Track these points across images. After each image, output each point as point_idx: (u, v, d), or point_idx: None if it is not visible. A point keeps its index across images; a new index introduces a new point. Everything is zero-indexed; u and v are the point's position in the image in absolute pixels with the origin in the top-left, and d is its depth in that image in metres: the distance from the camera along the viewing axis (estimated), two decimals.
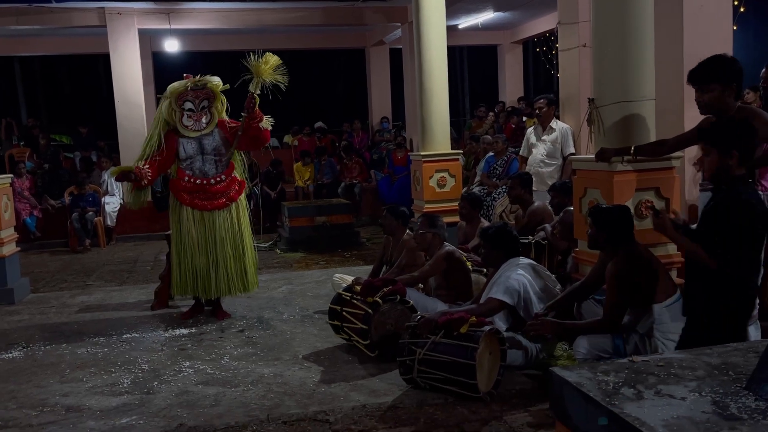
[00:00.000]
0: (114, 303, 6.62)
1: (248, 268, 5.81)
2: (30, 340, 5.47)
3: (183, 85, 5.68)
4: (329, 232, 9.32)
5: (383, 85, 15.20)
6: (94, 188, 10.70)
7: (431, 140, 7.83)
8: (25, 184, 10.51)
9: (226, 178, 5.77)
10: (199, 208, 5.66)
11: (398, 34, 13.34)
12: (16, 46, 13.44)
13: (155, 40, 13.51)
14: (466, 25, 13.13)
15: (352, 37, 15.02)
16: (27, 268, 8.07)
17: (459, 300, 4.83)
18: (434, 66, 7.70)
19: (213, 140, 5.73)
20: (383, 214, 5.66)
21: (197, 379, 4.41)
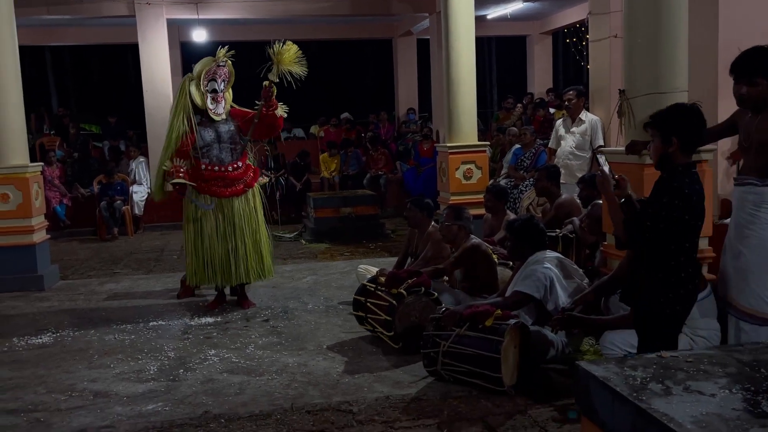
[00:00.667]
0: (141, 291, 6.72)
1: (264, 255, 5.85)
2: (59, 326, 5.58)
3: (211, 59, 5.68)
4: (354, 223, 9.33)
5: (410, 76, 15.15)
6: (123, 177, 10.84)
7: (458, 132, 7.79)
8: (56, 173, 10.68)
9: (242, 165, 5.82)
10: (218, 195, 5.70)
11: (426, 25, 13.28)
12: (46, 35, 13.66)
13: (183, 30, 13.62)
14: (495, 16, 13.02)
15: (379, 28, 14.99)
16: (56, 255, 8.22)
17: (484, 293, 4.81)
18: (462, 57, 7.65)
19: (228, 128, 5.77)
20: (407, 207, 5.65)
21: (222, 368, 4.46)
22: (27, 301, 6.43)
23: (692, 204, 2.96)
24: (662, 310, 3.05)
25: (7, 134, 6.83)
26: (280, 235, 9.65)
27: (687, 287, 3.07)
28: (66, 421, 3.71)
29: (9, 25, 6.79)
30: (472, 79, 7.76)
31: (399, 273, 4.78)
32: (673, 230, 2.99)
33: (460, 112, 7.75)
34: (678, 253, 3.03)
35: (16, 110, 6.89)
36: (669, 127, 3.03)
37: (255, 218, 5.80)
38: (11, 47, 6.81)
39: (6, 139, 6.83)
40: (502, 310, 4.01)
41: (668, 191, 2.98)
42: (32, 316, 5.91)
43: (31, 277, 6.86)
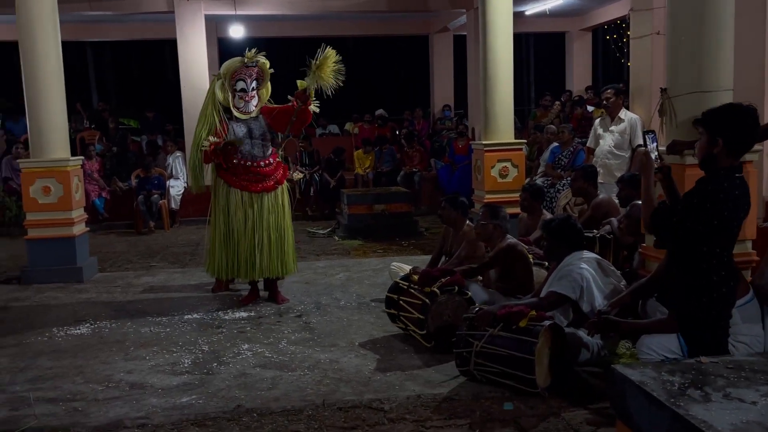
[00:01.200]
0: (176, 284, 6.84)
1: (288, 251, 5.91)
2: (97, 317, 5.71)
3: (237, 60, 5.77)
4: (388, 220, 9.35)
5: (446, 73, 15.10)
6: (160, 171, 11.02)
7: (494, 129, 7.74)
8: (95, 166, 10.91)
9: (274, 161, 5.89)
10: (249, 189, 5.77)
11: (463, 21, 13.22)
12: (88, 31, 13.95)
13: (221, 25, 13.78)
14: (533, 12, 12.90)
15: (416, 24, 14.96)
16: (95, 248, 8.39)
17: (519, 293, 4.78)
18: (499, 53, 7.60)
19: (260, 125, 5.85)
20: (442, 205, 5.64)
21: (255, 362, 4.51)
22: (67, 293, 6.59)
23: (724, 209, 2.88)
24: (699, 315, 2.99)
25: (50, 128, 7.00)
26: (313, 231, 9.72)
27: (720, 291, 3.00)
28: (103, 411, 3.80)
29: (52, 21, 6.95)
30: (510, 76, 7.70)
31: (432, 271, 4.77)
32: (701, 232, 2.92)
33: (496, 109, 7.70)
34: (710, 256, 2.97)
35: (58, 105, 7.06)
36: (716, 127, 2.95)
37: (282, 215, 5.87)
38: (54, 43, 6.97)
39: (48, 133, 7.00)
40: (536, 310, 3.97)
41: (702, 193, 2.92)
42: (71, 307, 6.06)
43: (71, 269, 7.03)
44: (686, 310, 3.03)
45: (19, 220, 9.47)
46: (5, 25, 12.20)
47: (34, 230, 7.08)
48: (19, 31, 6.90)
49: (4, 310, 6.01)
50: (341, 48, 5.81)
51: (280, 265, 5.85)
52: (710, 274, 2.98)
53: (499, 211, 5.04)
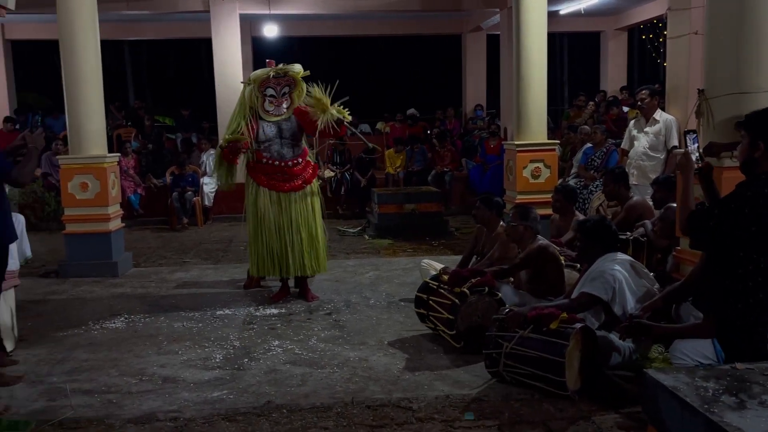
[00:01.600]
0: (209, 280, 6.93)
1: (319, 250, 5.97)
2: (132, 311, 5.81)
3: (265, 72, 5.87)
4: (418, 219, 9.34)
5: (479, 72, 15.03)
6: (194, 169, 11.17)
7: (527, 129, 7.69)
8: (131, 163, 11.10)
9: (302, 161, 5.94)
10: (277, 189, 5.84)
11: (496, 20, 13.14)
12: (126, 30, 14.19)
13: (255, 25, 13.91)
14: (568, 11, 12.77)
15: (448, 23, 14.92)
16: (130, 243, 8.54)
17: (550, 295, 4.74)
18: (533, 53, 7.55)
19: (291, 126, 5.90)
20: (476, 205, 5.62)
21: (285, 359, 4.56)
22: (102, 287, 6.72)
23: (764, 214, 2.83)
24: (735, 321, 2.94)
25: (88, 126, 7.15)
26: (343, 229, 9.76)
27: (757, 296, 2.94)
28: (136, 404, 3.87)
29: (91, 21, 7.09)
30: (543, 76, 7.64)
31: (463, 272, 4.76)
32: (739, 237, 2.87)
33: (529, 109, 7.65)
34: (746, 261, 2.91)
35: (96, 103, 7.20)
36: (758, 131, 2.89)
37: (312, 214, 5.92)
38: (93, 42, 7.11)
39: (86, 130, 7.15)
40: (568, 313, 3.94)
41: (741, 198, 2.87)
42: (107, 301, 6.18)
43: (107, 264, 7.17)
44: (722, 316, 2.98)
45: (57, 215, 9.67)
46: (47, 25, 12.48)
47: (72, 225, 7.24)
48: (59, 31, 7.06)
49: (42, 303, 6.16)
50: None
51: (310, 264, 5.90)
52: (746, 280, 2.93)
53: (529, 212, 5.01)
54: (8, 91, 13.68)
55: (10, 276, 4.60)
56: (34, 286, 6.77)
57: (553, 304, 4.15)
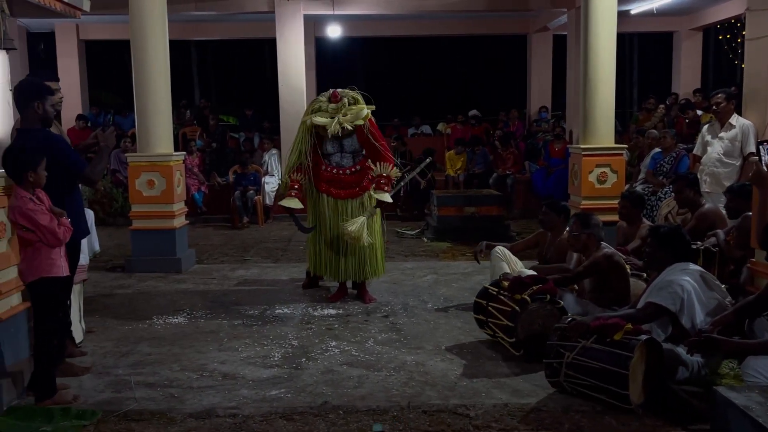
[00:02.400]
0: (269, 279, 7.06)
1: (376, 255, 6.03)
2: (194, 307, 5.98)
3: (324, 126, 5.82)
4: (478, 223, 9.28)
5: (544, 73, 14.83)
6: (256, 168, 11.39)
7: (593, 132, 7.55)
8: (195, 161, 11.41)
9: (361, 168, 6.00)
10: (334, 196, 5.96)
11: (563, 20, 12.94)
12: (193, 30, 14.60)
13: (318, 25, 14.09)
14: (639, 11, 12.46)
15: (514, 23, 14.77)
16: (193, 240, 8.78)
17: (614, 305, 4.64)
18: (601, 54, 7.40)
19: (352, 141, 5.97)
20: (542, 209, 5.54)
21: (342, 360, 4.60)
22: (166, 282, 6.94)
23: None
24: None
25: (155, 125, 7.39)
26: (402, 231, 9.79)
27: None
28: (197, 399, 3.98)
29: (161, 22, 7.32)
30: (611, 78, 7.48)
31: (524, 278, 4.71)
32: None
33: (596, 112, 7.50)
34: None
35: (164, 102, 7.44)
36: None
37: (370, 220, 5.96)
38: (163, 42, 7.34)
39: (154, 128, 7.39)
40: (633, 324, 3.86)
41: None
42: (170, 297, 6.37)
43: (171, 260, 7.39)
44: None
45: (124, 210, 10.04)
46: (119, 25, 12.96)
47: (138, 221, 7.49)
48: (131, 31, 7.31)
49: (109, 297, 6.40)
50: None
51: (365, 269, 5.99)
52: None
53: (590, 219, 4.91)
54: (81, 89, 14.27)
55: (80, 270, 4.80)
56: (102, 279, 7.04)
57: (618, 314, 4.06)
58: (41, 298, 3.98)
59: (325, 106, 5.89)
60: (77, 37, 14.12)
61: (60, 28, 13.89)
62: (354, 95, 5.94)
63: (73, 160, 4.19)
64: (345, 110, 5.85)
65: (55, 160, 4.04)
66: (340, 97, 5.86)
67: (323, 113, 5.88)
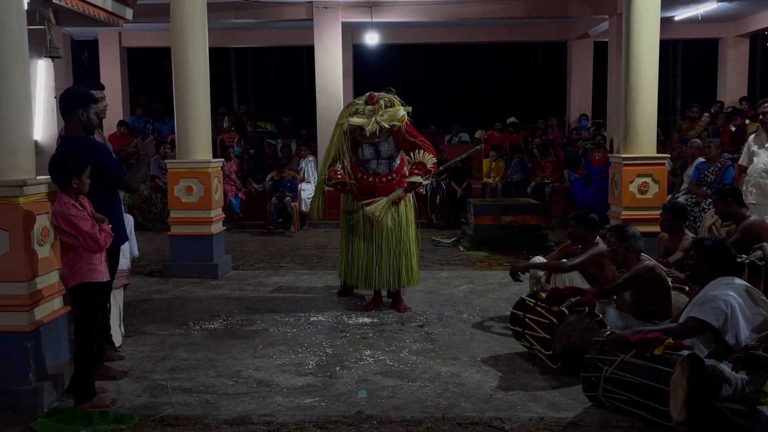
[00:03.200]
0: (304, 286, 7.11)
1: (411, 263, 6.01)
2: (230, 313, 6.06)
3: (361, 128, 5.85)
4: (515, 232, 9.22)
5: (584, 81, 14.68)
6: (293, 175, 11.50)
7: (635, 141, 7.45)
8: (233, 168, 11.57)
9: (396, 176, 6.02)
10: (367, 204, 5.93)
11: (605, 27, 12.80)
12: (232, 38, 14.82)
13: (356, 32, 14.18)
14: (683, 17, 12.27)
15: (554, 30, 14.67)
16: (230, 246, 8.89)
17: (655, 319, 4.57)
18: (644, 62, 7.30)
19: (388, 146, 5.98)
20: (570, 222, 5.49)
21: (376, 369, 4.61)
22: (203, 288, 7.04)
23: None
24: None
25: (195, 131, 7.52)
26: (438, 240, 9.77)
27: None
28: (232, 406, 4.03)
29: (202, 29, 7.45)
30: (654, 86, 7.38)
31: (562, 289, 4.67)
32: None
33: (638, 120, 7.40)
34: None
35: (203, 109, 7.57)
36: None
37: (405, 227, 5.97)
38: (203, 49, 7.47)
39: (194, 135, 7.52)
40: (674, 338, 3.80)
41: None
42: (207, 302, 6.46)
43: (208, 266, 7.50)
44: None
45: (163, 216, 10.22)
46: (160, 33, 13.23)
47: (177, 227, 7.63)
48: (172, 39, 7.46)
49: (147, 302, 6.52)
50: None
51: (399, 278, 5.97)
52: None
53: (626, 231, 4.81)
54: (122, 96, 14.59)
55: (121, 275, 4.91)
56: (140, 284, 7.18)
57: (659, 329, 3.99)
58: (82, 303, 4.08)
59: (362, 108, 5.90)
60: (119, 45, 14.46)
61: (103, 36, 14.25)
62: (390, 98, 5.94)
63: (114, 168, 4.29)
64: (382, 111, 5.86)
65: (98, 167, 4.15)
66: (376, 100, 5.88)
67: (360, 115, 5.89)
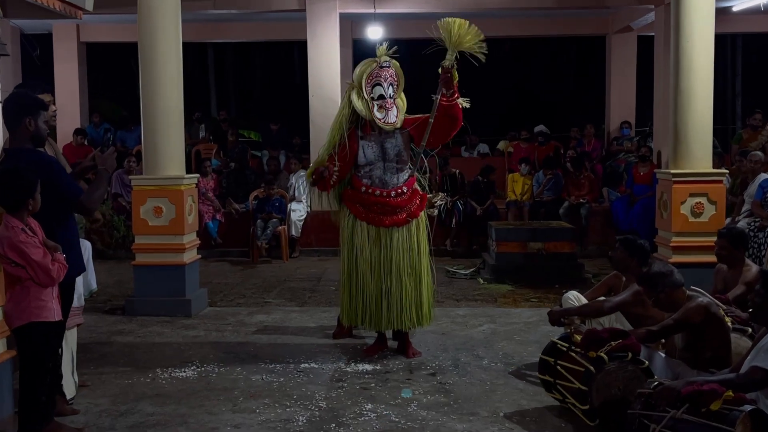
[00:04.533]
0: (293, 326, 7.11)
1: (424, 298, 5.99)
2: (204, 359, 6.05)
3: (371, 61, 5.93)
4: (545, 262, 9.22)
5: (627, 82, 14.75)
6: (281, 193, 11.46)
7: (686, 154, 7.48)
8: (210, 184, 11.57)
9: (408, 190, 5.99)
10: (376, 223, 5.91)
11: (650, 19, 12.90)
12: (210, 31, 14.94)
13: (357, 26, 14.32)
14: (743, 7, 12.34)
15: (590, 23, 14.79)
16: (205, 277, 8.91)
17: (712, 367, 4.55)
18: (696, 59, 7.37)
19: (396, 143, 5.94)
20: (615, 246, 5.49)
21: (379, 426, 4.61)
22: (173, 328, 7.04)
23: None
24: None
25: (165, 141, 7.53)
26: (453, 270, 9.76)
27: None
28: None
29: (174, 22, 7.50)
30: (709, 87, 7.44)
31: (600, 331, 4.65)
32: None
33: (690, 129, 7.45)
34: None
35: (175, 115, 7.60)
36: None
37: (417, 254, 5.96)
38: (175, 45, 7.51)
39: (164, 146, 7.53)
40: (734, 390, 3.79)
41: None
42: (177, 346, 6.46)
43: (179, 301, 7.50)
44: None
45: (126, 242, 10.25)
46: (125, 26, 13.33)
47: (142, 255, 7.64)
48: (139, 32, 7.49)
49: (107, 345, 6.52)
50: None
51: (412, 316, 5.94)
52: None
53: (654, 276, 4.70)
54: (80, 99, 14.65)
55: (74, 313, 4.91)
56: (99, 323, 7.18)
57: (716, 379, 3.99)
58: (29, 346, 4.08)
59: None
60: (77, 40, 14.57)
61: (58, 29, 14.36)
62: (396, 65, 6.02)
63: (68, 187, 4.28)
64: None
65: (49, 185, 4.14)
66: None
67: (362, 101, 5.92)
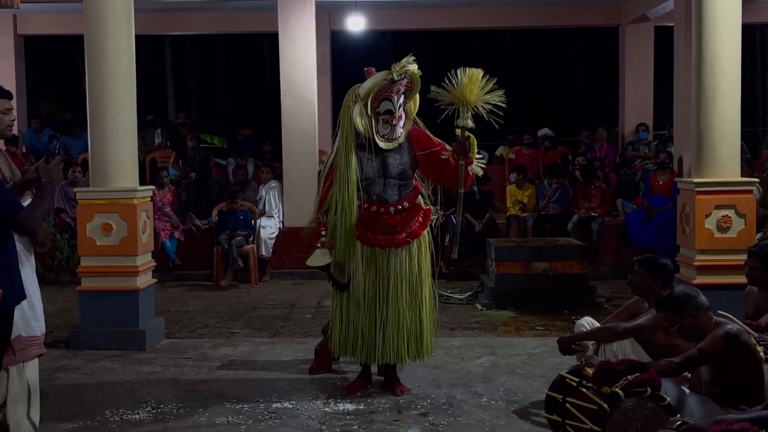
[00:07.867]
0: (263, 360, 7.09)
1: (425, 328, 6.00)
2: (161, 399, 6.01)
3: (384, 76, 5.80)
4: (552, 284, 9.24)
5: (643, 78, 14.83)
6: (249, 206, 11.40)
7: (711, 161, 7.53)
8: (167, 198, 11.51)
9: (409, 205, 5.99)
10: (372, 244, 5.92)
11: (669, 7, 13.01)
12: (167, 23, 14.91)
13: (335, 16, 14.35)
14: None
15: (602, 12, 14.89)
16: (162, 304, 8.87)
17: (743, 403, 4.57)
18: (721, 53, 7.43)
19: (400, 159, 5.94)
20: (635, 267, 5.52)
21: None
22: (125, 364, 7.00)
23: None
24: None
25: (115, 148, 7.48)
26: (447, 295, 9.75)
27: None
28: None
29: (126, 11, 7.47)
30: (736, 85, 7.52)
31: (615, 364, 4.67)
32: None
33: (715, 132, 7.50)
34: None
35: (127, 118, 7.56)
36: None
37: (418, 279, 5.96)
38: (127, 38, 7.48)
39: (113, 154, 7.48)
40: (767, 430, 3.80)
41: None
42: (130, 384, 6.42)
43: (132, 333, 7.45)
44: None
45: (71, 264, 10.18)
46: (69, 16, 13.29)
47: (89, 280, 7.59)
48: (85, 23, 7.46)
49: (48, 384, 6.42)
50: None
51: (411, 348, 5.94)
52: None
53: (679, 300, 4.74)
54: (17, 100, 14.55)
55: (33, 343, 4.77)
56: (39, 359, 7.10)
57: (747, 417, 4.01)
58: None
59: None
60: (14, 32, 14.50)
61: None
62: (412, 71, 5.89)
63: (4, 200, 4.27)
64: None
65: None
66: None
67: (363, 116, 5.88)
